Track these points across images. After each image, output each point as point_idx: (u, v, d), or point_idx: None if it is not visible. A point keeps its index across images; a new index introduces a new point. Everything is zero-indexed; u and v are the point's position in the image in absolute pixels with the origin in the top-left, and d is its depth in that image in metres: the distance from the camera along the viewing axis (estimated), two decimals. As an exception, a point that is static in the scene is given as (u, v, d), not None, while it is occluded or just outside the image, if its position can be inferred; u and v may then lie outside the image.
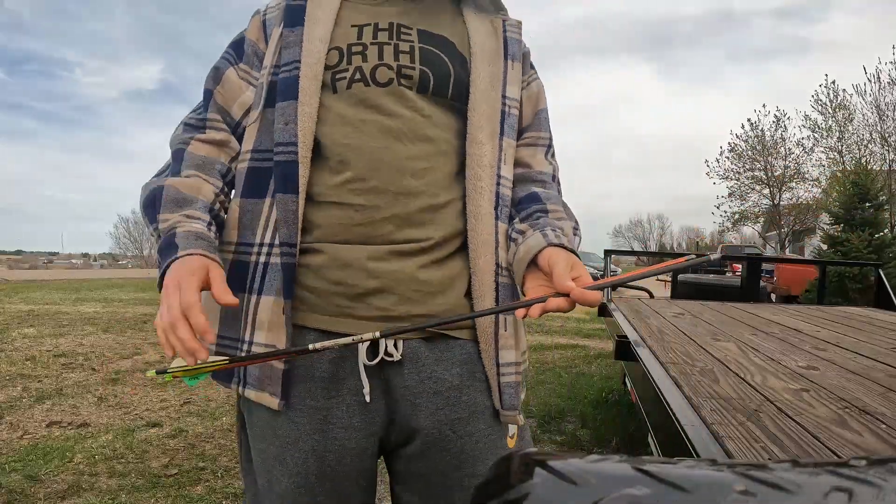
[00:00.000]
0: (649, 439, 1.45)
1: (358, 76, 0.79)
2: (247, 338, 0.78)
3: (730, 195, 21.64)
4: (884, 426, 1.01)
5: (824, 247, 9.92)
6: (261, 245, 0.78)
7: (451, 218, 0.80)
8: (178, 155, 0.81)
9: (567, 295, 0.66)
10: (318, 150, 0.77)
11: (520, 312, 0.69)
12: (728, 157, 21.35)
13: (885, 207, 10.47)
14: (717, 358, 1.62)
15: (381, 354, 0.76)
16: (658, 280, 12.58)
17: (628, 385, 2.74)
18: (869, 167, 14.22)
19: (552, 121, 0.95)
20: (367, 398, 0.76)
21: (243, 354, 0.77)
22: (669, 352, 1.69)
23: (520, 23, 0.91)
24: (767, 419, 1.02)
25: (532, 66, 0.93)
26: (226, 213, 0.83)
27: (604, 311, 2.91)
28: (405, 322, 0.76)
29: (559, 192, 0.91)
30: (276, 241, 0.76)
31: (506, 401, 0.79)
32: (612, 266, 7.48)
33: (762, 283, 6.20)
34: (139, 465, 2.24)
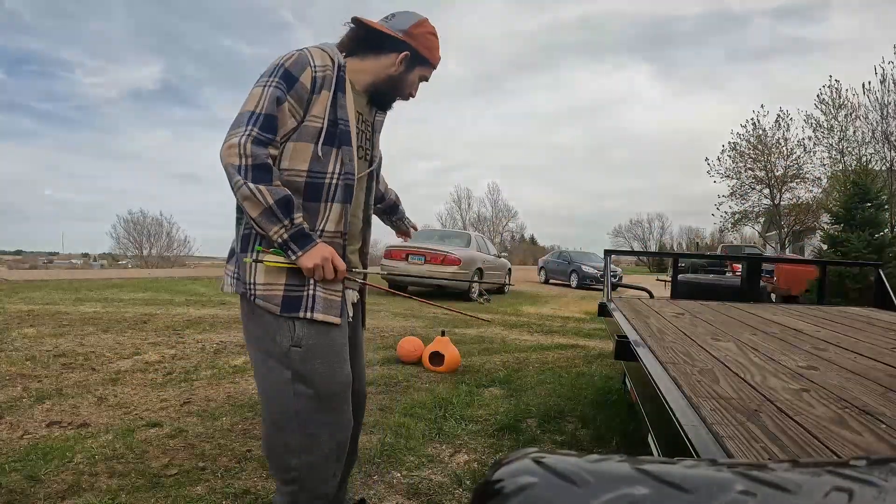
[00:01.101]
0: (649, 439, 1.45)
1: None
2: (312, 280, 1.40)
3: (730, 195, 21.65)
4: (884, 426, 1.01)
5: (824, 247, 9.92)
6: (322, 232, 1.40)
7: (368, 229, 1.62)
8: (268, 167, 1.28)
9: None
10: None
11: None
12: (729, 156, 21.36)
13: (886, 207, 10.45)
14: (717, 358, 1.62)
15: (357, 298, 1.60)
16: (658, 280, 12.81)
17: (628, 385, 2.74)
18: (869, 167, 14.21)
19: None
20: (350, 319, 1.54)
21: (311, 291, 1.37)
22: (669, 352, 1.69)
23: (385, 113, 1.58)
24: (767, 419, 1.02)
25: None
26: None
27: (604, 310, 2.91)
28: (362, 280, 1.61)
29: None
30: (328, 230, 1.41)
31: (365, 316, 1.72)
32: (613, 266, 7.48)
33: (762, 283, 6.20)
34: (139, 465, 2.24)
